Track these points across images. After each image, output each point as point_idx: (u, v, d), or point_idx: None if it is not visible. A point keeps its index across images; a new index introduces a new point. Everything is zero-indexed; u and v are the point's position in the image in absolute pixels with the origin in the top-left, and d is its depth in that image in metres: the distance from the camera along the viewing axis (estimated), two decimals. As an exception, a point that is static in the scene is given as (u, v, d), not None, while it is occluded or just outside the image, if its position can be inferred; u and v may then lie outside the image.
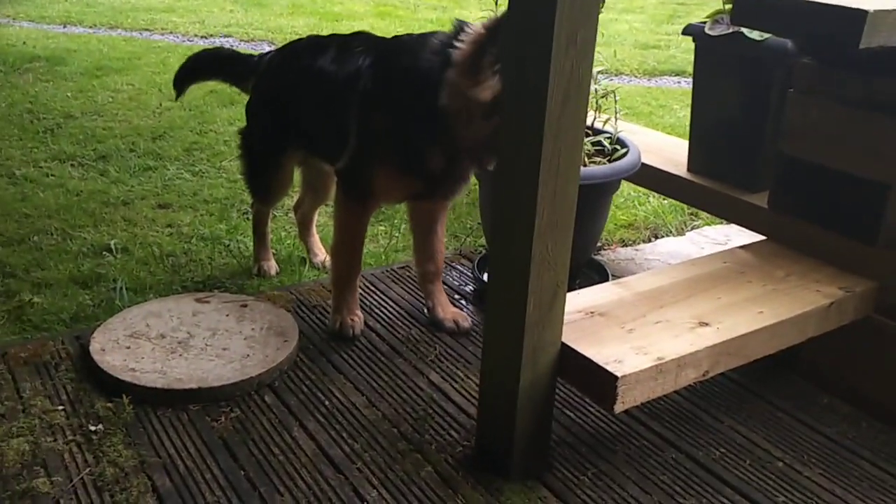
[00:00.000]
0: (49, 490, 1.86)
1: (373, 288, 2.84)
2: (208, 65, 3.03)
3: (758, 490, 2.01)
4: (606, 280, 2.78)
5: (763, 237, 2.65)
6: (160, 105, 4.88)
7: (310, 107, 2.57)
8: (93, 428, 2.07)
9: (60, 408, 2.14)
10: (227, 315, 2.50)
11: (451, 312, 2.62)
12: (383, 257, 3.12)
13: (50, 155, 4.03)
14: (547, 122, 1.71)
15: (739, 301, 2.23)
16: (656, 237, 3.51)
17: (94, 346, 2.30)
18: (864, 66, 2.28)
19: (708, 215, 3.63)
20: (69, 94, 4.96)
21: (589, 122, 2.96)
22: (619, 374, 1.85)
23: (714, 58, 2.82)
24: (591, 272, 2.92)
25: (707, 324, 2.09)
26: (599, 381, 1.89)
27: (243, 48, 6.42)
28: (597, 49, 1.78)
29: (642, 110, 5.26)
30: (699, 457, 2.11)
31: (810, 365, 2.45)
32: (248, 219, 3.44)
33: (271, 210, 2.97)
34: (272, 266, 2.94)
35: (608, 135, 2.89)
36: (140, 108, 4.82)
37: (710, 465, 2.09)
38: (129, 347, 2.31)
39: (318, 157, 2.68)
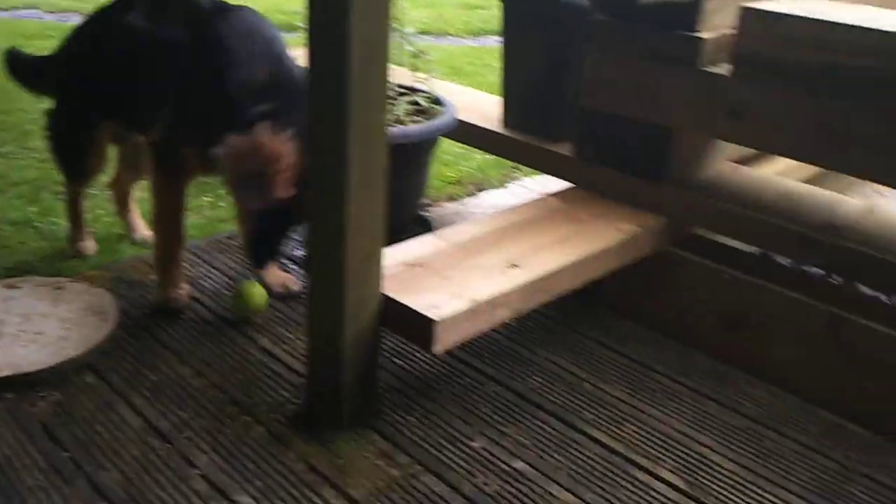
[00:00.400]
0: None
1: (198, 259, 2.81)
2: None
3: (568, 411, 2.21)
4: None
5: (571, 184, 2.86)
6: (-45, 84, 4.48)
7: (122, 71, 2.47)
8: None
9: None
10: (41, 299, 2.40)
11: (280, 277, 2.65)
12: (208, 228, 3.08)
13: None
14: (350, 83, 1.77)
15: (548, 243, 2.40)
16: (481, 191, 3.67)
17: None
18: (648, 21, 2.50)
19: (527, 168, 3.85)
20: None
21: (408, 83, 3.04)
22: (436, 318, 1.97)
23: (519, 17, 2.97)
24: (417, 228, 3.02)
25: (517, 265, 2.25)
26: (419, 326, 1.99)
27: (50, 20, 6.00)
28: (421, 10, 1.86)
29: (467, 70, 5.41)
30: (517, 387, 2.29)
31: (614, 296, 2.70)
32: (60, 199, 3.28)
33: (85, 189, 2.84)
34: (89, 246, 2.83)
35: (426, 94, 2.99)
36: (-70, 87, 4.40)
37: (527, 394, 2.27)
38: (-70, 341, 2.17)
39: (130, 127, 2.59)
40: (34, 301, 2.39)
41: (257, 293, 2.47)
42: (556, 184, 3.51)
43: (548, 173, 3.09)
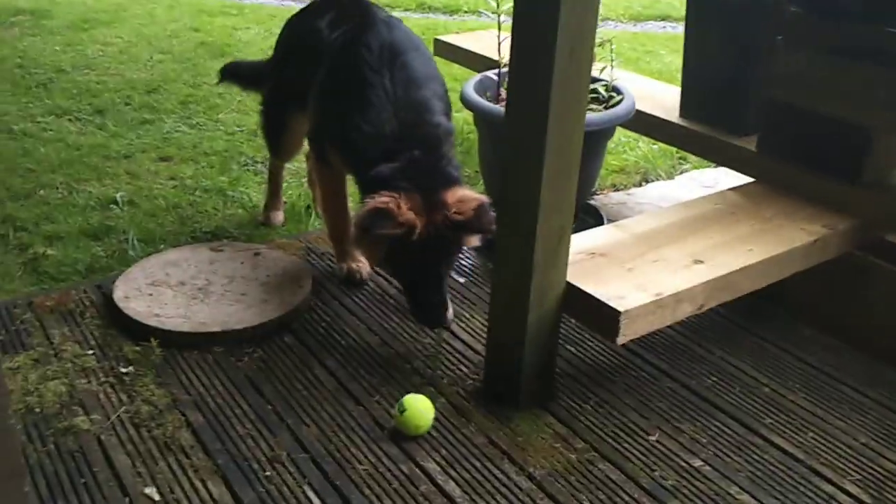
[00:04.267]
0: (89, 427, 1.98)
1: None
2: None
3: (747, 414, 2.17)
4: (601, 223, 2.90)
5: (751, 179, 2.78)
6: (151, 58, 4.88)
7: (297, 64, 2.62)
8: (124, 370, 2.18)
9: (90, 352, 2.25)
10: (242, 263, 2.61)
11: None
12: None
13: (45, 110, 4.05)
14: (555, 74, 1.80)
15: (730, 240, 2.36)
16: (647, 181, 3.63)
17: (118, 294, 2.40)
18: (848, 15, 2.38)
19: (696, 160, 3.76)
20: (58, 48, 4.94)
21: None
22: (621, 308, 1.99)
23: (704, 6, 2.90)
24: (586, 216, 3.04)
25: (701, 261, 2.23)
26: (603, 317, 2.02)
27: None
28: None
29: (629, 56, 5.32)
30: (693, 385, 2.27)
31: (795, 299, 2.61)
32: (248, 171, 3.52)
33: (285, 164, 3.02)
34: (280, 217, 3.04)
35: (604, 82, 2.98)
36: (131, 61, 4.82)
37: (703, 392, 2.25)
38: (151, 295, 2.41)
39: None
40: (236, 264, 2.60)
41: (416, 419, 2.02)
42: (728, 178, 3.43)
43: (728, 167, 3.01)
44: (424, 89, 2.34)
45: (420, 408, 2.01)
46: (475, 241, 2.27)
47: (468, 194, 2.19)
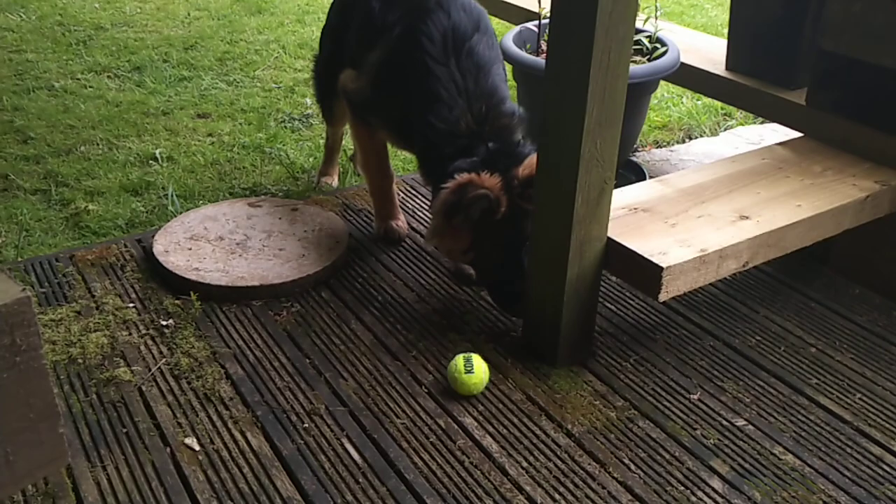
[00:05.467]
0: (130, 378, 2.01)
1: (414, 192, 2.92)
2: None
3: (792, 374, 2.12)
4: (643, 180, 2.84)
5: (800, 134, 2.68)
6: (188, 15, 4.87)
7: (350, 36, 2.54)
8: (164, 323, 2.20)
9: (131, 305, 2.27)
10: (280, 218, 2.60)
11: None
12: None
13: (85, 67, 4.07)
14: (598, 17, 1.73)
15: (778, 195, 2.28)
16: (690, 138, 3.53)
17: (158, 248, 2.42)
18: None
19: (741, 115, 3.65)
20: (97, 6, 4.95)
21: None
22: (663, 265, 1.94)
23: (755, -48, 2.78)
24: (628, 173, 2.97)
25: (747, 217, 2.16)
26: (645, 273, 1.98)
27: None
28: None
29: (674, 10, 5.17)
30: (736, 344, 2.22)
31: (843, 258, 2.53)
32: (285, 127, 3.51)
33: (341, 130, 2.95)
34: (333, 181, 3.00)
35: (647, 34, 2.88)
36: (168, 18, 4.81)
37: (746, 351, 2.20)
38: (190, 249, 2.42)
39: None
40: (274, 220, 2.60)
41: (478, 381, 1.99)
42: (775, 135, 3.33)
43: (776, 121, 2.91)
44: (493, 75, 2.24)
45: (484, 369, 1.99)
46: None
47: (532, 158, 2.11)
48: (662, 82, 3.02)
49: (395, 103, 2.32)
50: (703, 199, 2.24)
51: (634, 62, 2.80)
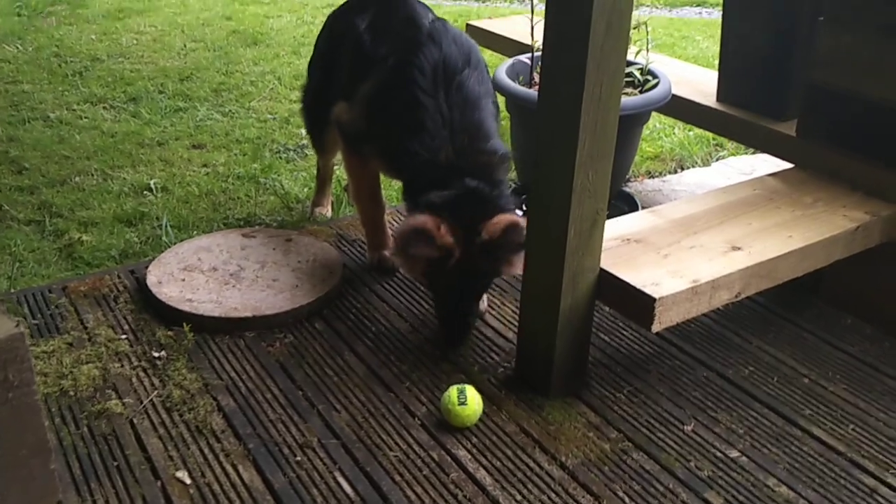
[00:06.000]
0: (122, 410, 2.00)
1: (409, 221, 2.92)
2: None
3: (785, 404, 2.12)
4: (636, 210, 2.85)
5: (791, 165, 2.70)
6: (184, 46, 4.92)
7: (340, 67, 2.55)
8: (156, 354, 2.19)
9: (124, 336, 2.26)
10: (274, 248, 2.61)
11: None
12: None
13: (81, 98, 4.10)
14: (590, 50, 1.76)
15: (769, 226, 2.30)
16: (682, 168, 3.56)
17: (151, 279, 2.42)
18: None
19: (733, 146, 3.68)
20: (93, 37, 5.00)
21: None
22: (656, 295, 1.95)
23: (744, -13, 2.82)
24: (620, 203, 2.99)
25: (739, 248, 2.17)
26: (638, 304, 1.98)
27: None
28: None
29: (665, 41, 5.23)
30: (729, 374, 2.22)
31: (834, 288, 2.54)
32: (280, 158, 3.53)
33: (331, 161, 2.97)
34: (326, 212, 3.01)
35: (639, 66, 2.92)
36: (165, 49, 4.86)
37: (739, 381, 2.20)
38: (183, 280, 2.42)
39: None
40: (268, 250, 2.60)
41: (472, 413, 1.99)
42: (766, 165, 3.36)
43: (766, 152, 2.94)
44: (480, 110, 2.25)
45: (478, 400, 1.99)
46: (515, 269, 2.19)
47: (503, 217, 2.11)
48: (654, 113, 3.05)
49: (387, 133, 2.33)
50: (694, 230, 2.26)
51: (626, 94, 2.83)
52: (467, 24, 4.04)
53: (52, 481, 1.44)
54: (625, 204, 2.99)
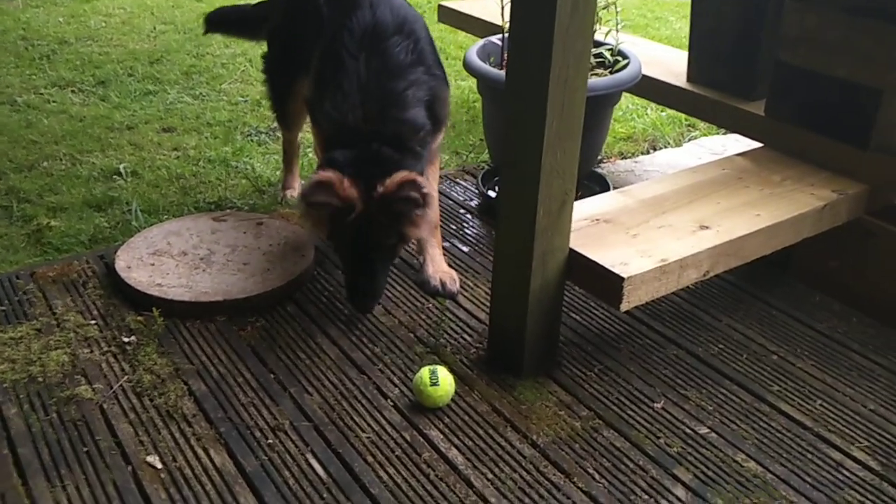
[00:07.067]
0: (92, 396, 1.98)
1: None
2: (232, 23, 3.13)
3: (754, 381, 2.15)
4: (607, 191, 2.86)
5: (760, 144, 2.73)
6: (154, 29, 4.84)
7: (299, 33, 2.54)
8: (126, 340, 2.18)
9: (93, 322, 2.24)
10: (245, 232, 2.59)
11: (440, 271, 2.46)
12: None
13: (49, 81, 4.02)
14: (556, 32, 1.76)
15: (738, 205, 2.32)
16: (655, 149, 3.58)
17: (120, 264, 2.39)
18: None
19: (705, 126, 3.70)
20: (61, 20, 4.90)
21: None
22: (625, 275, 1.96)
23: (713, -34, 2.83)
24: (592, 184, 3.00)
25: (707, 227, 2.19)
26: (607, 283, 2.00)
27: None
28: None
29: (638, 22, 5.23)
30: (699, 352, 2.25)
31: (803, 265, 2.57)
32: (252, 141, 3.50)
33: (297, 136, 2.95)
34: (296, 194, 2.97)
35: (609, 46, 2.92)
36: (134, 31, 4.78)
37: (709, 359, 2.22)
38: (153, 264, 2.40)
39: None
40: (239, 234, 2.58)
41: (444, 393, 2.00)
42: (737, 144, 3.38)
43: (736, 132, 2.96)
44: (401, 80, 2.20)
45: (450, 381, 1.99)
46: (418, 230, 2.21)
47: (403, 173, 2.10)
48: (626, 94, 3.06)
49: (322, 94, 2.29)
50: (663, 210, 2.27)
51: (597, 75, 2.83)
52: (439, 5, 4.02)
53: (5, 467, 1.40)
54: (596, 185, 3.00)
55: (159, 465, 1.80)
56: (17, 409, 1.92)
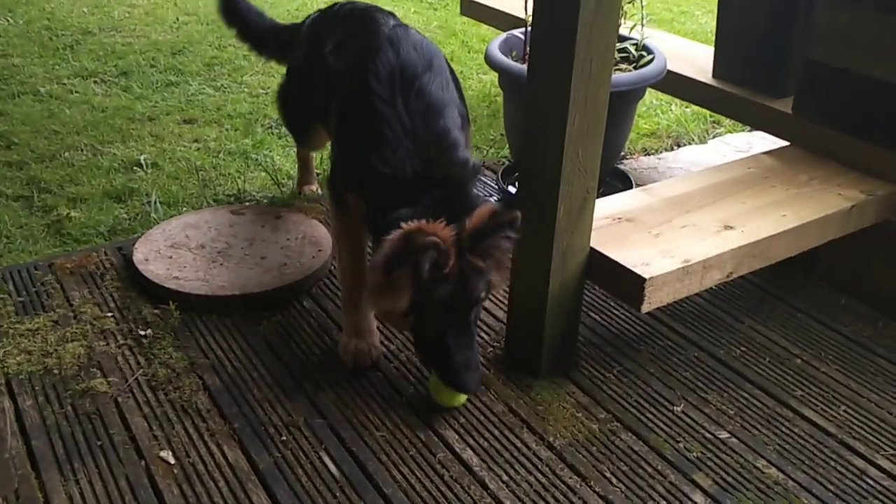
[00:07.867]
0: (107, 389, 1.98)
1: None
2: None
3: (776, 385, 2.10)
4: (630, 188, 2.82)
5: (786, 143, 2.67)
6: (177, 20, 4.84)
7: (313, 80, 2.38)
8: (142, 333, 2.18)
9: (110, 314, 2.24)
10: (263, 226, 2.58)
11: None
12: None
13: (72, 72, 4.04)
14: (580, 26, 1.72)
15: (763, 205, 2.27)
16: (679, 145, 3.52)
17: (138, 257, 2.39)
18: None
19: (730, 123, 3.64)
20: (85, 10, 4.92)
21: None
22: (646, 275, 1.93)
23: (742, -40, 2.77)
24: (614, 181, 2.96)
25: (732, 227, 2.15)
26: (628, 283, 1.96)
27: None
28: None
29: (664, 17, 5.16)
30: (720, 355, 2.20)
31: (828, 267, 2.52)
32: (272, 133, 3.49)
33: (312, 153, 2.91)
34: (316, 189, 2.96)
35: (634, 41, 2.87)
36: (157, 22, 4.79)
37: (730, 362, 2.18)
38: (171, 257, 2.40)
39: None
40: (257, 227, 2.57)
41: (451, 392, 1.94)
42: (762, 142, 3.31)
43: (760, 129, 2.91)
44: (445, 117, 1.97)
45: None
46: (503, 280, 1.96)
47: (487, 206, 1.84)
48: (650, 90, 3.01)
49: (355, 158, 2.04)
50: (687, 209, 2.23)
51: (621, 70, 2.79)
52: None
53: (6, 470, 1.40)
54: (619, 181, 2.96)
55: (172, 461, 1.79)
56: (32, 402, 1.93)
